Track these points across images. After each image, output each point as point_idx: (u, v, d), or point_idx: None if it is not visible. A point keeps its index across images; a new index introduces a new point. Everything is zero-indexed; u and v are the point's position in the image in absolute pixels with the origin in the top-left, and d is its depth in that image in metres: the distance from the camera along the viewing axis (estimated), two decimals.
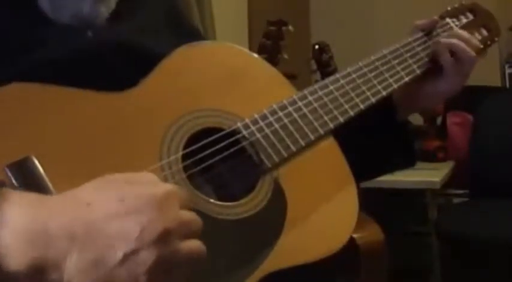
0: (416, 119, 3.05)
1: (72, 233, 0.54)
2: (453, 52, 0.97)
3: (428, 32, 1.01)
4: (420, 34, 1.01)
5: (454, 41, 0.98)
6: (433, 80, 0.99)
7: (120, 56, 0.80)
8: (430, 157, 3.09)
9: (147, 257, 0.55)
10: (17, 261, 0.52)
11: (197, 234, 0.60)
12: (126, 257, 0.54)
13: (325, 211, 0.80)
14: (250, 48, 2.64)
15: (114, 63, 0.80)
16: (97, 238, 0.54)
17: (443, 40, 0.98)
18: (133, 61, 0.80)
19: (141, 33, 0.85)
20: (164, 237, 0.56)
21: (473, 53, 0.97)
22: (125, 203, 0.56)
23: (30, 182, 0.62)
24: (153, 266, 0.55)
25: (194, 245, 0.59)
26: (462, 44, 0.97)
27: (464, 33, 1.00)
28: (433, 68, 0.99)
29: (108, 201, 0.56)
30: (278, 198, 0.78)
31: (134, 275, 0.54)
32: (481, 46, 1.03)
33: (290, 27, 2.43)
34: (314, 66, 2.77)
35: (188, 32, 0.94)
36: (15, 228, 0.53)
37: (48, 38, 0.77)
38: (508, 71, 3.55)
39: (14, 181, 0.61)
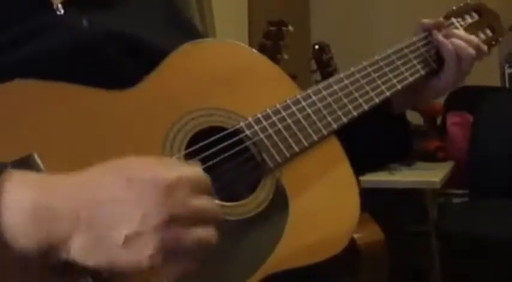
0: (416, 119, 3.05)
1: (78, 211, 0.54)
2: (457, 51, 0.97)
3: (433, 32, 1.01)
4: (424, 34, 1.00)
5: (455, 39, 0.98)
6: (432, 77, 0.99)
7: (115, 46, 0.80)
8: (430, 157, 3.09)
9: (149, 241, 0.54)
10: (24, 240, 0.53)
11: (211, 223, 0.59)
12: (128, 239, 0.54)
13: (327, 212, 0.80)
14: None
15: (109, 53, 0.80)
16: (101, 219, 0.54)
17: (440, 36, 0.99)
18: (128, 51, 0.80)
19: (136, 24, 0.85)
20: (168, 224, 0.55)
21: (473, 52, 0.97)
22: (131, 184, 0.56)
23: None
24: (156, 251, 0.55)
25: (203, 233, 0.58)
26: (463, 43, 0.97)
27: (462, 32, 1.00)
28: (434, 70, 0.99)
29: (115, 182, 0.56)
30: (280, 198, 0.77)
31: (136, 257, 0.54)
32: (485, 46, 1.03)
33: (290, 27, 2.42)
34: (314, 66, 2.76)
35: (184, 26, 0.94)
36: (21, 208, 0.54)
37: (43, 27, 0.77)
38: (507, 71, 3.55)
39: None
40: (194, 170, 0.60)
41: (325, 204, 0.81)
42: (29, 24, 0.77)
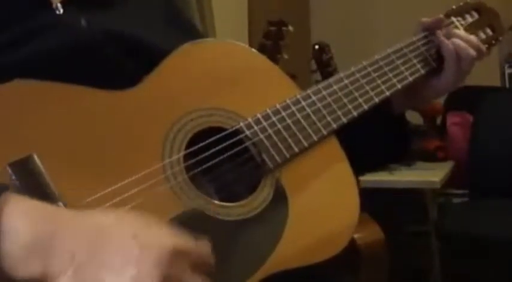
0: (416, 119, 3.05)
1: (74, 251, 0.54)
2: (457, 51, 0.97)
3: (433, 31, 1.01)
4: (424, 33, 1.00)
5: (456, 39, 0.98)
6: (432, 77, 0.99)
7: (114, 46, 0.80)
8: (430, 157, 3.09)
9: None
10: (17, 272, 0.53)
11: None
12: None
13: (326, 212, 0.80)
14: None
15: (108, 53, 0.80)
16: (93, 265, 0.53)
17: (442, 36, 0.98)
18: (128, 51, 0.80)
19: (136, 24, 0.85)
20: None
21: (473, 52, 0.97)
22: (135, 241, 0.55)
23: (31, 180, 0.62)
24: None
25: None
26: (463, 43, 0.97)
27: (464, 33, 1.00)
28: (434, 69, 0.99)
29: (120, 233, 0.55)
30: (280, 199, 0.77)
31: None
32: (485, 46, 1.03)
33: (290, 27, 2.42)
34: (314, 66, 2.76)
35: (184, 26, 0.94)
36: (18, 239, 0.53)
37: (42, 26, 0.77)
38: (507, 71, 3.55)
39: (15, 179, 0.61)
40: (203, 247, 0.59)
41: (325, 204, 0.80)
42: (29, 24, 0.77)
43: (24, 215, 0.55)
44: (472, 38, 1.00)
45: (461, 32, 1.01)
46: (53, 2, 0.81)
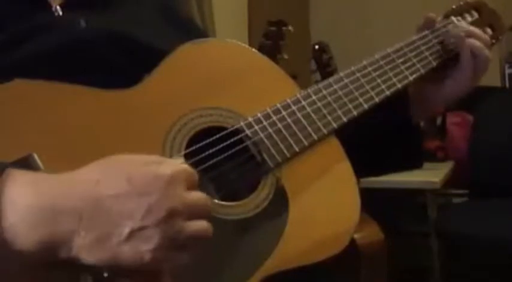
0: None
1: (80, 209, 0.55)
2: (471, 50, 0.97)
3: (433, 30, 1.01)
4: (425, 32, 1.00)
5: (472, 40, 0.97)
6: (444, 80, 0.98)
7: (113, 47, 0.81)
8: (430, 157, 3.08)
9: (152, 235, 0.56)
10: (25, 239, 0.54)
11: (204, 215, 0.61)
12: (132, 235, 0.56)
13: (327, 212, 0.80)
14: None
15: (107, 53, 0.80)
16: (104, 215, 0.56)
17: (464, 39, 0.97)
18: (127, 52, 0.81)
19: (135, 24, 0.86)
20: (169, 218, 0.57)
21: (487, 52, 0.96)
22: (132, 182, 0.57)
23: None
24: (158, 245, 0.56)
25: (199, 225, 0.60)
26: (478, 43, 0.97)
27: (479, 31, 0.99)
28: (443, 69, 0.99)
29: (116, 179, 0.58)
30: (280, 198, 0.77)
31: (139, 252, 0.56)
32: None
33: (290, 27, 2.42)
34: (314, 66, 2.76)
35: (184, 26, 0.94)
36: (22, 206, 0.54)
37: (41, 28, 0.78)
38: (508, 71, 3.55)
39: None
40: (183, 166, 0.62)
41: (326, 204, 0.80)
42: (28, 25, 0.77)
43: (24, 186, 0.56)
44: (483, 34, 0.99)
45: (476, 29, 0.99)
46: (52, 4, 0.81)
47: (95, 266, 0.56)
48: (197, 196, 0.61)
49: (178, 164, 0.62)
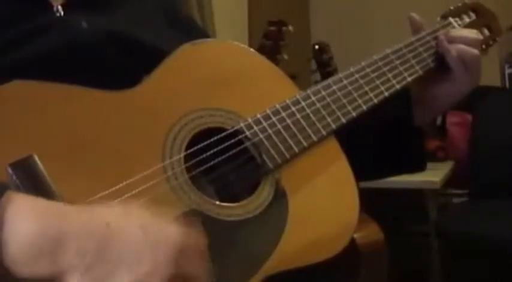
0: None
1: (85, 248, 0.53)
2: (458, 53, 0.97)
3: (432, 31, 1.01)
4: (423, 34, 1.00)
5: (455, 45, 0.97)
6: (443, 82, 0.98)
7: (115, 47, 0.80)
8: (430, 157, 3.08)
9: None
10: (25, 270, 0.52)
11: None
12: None
13: (326, 212, 0.80)
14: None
15: (108, 53, 0.80)
16: (106, 260, 0.53)
17: (445, 43, 0.98)
18: (128, 52, 0.80)
19: (136, 25, 0.85)
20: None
21: (475, 51, 0.96)
22: (144, 234, 0.55)
23: (31, 180, 0.62)
24: None
25: None
26: (462, 45, 0.97)
27: (463, 32, 0.99)
28: (442, 70, 0.99)
29: (128, 226, 0.55)
30: (280, 199, 0.77)
31: None
32: (483, 45, 1.03)
33: (290, 28, 2.42)
34: (314, 66, 2.76)
35: (185, 26, 0.94)
36: (25, 236, 0.53)
37: (43, 28, 0.78)
38: (507, 71, 3.55)
39: (15, 179, 0.61)
40: (199, 235, 0.59)
41: (325, 205, 0.80)
42: (29, 25, 0.77)
43: (28, 214, 0.54)
44: (469, 32, 0.99)
45: (458, 30, 1.00)
46: (54, 4, 0.81)
47: None
48: (201, 270, 0.58)
49: (194, 231, 0.59)
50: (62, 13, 0.81)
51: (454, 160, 3.16)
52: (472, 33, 0.99)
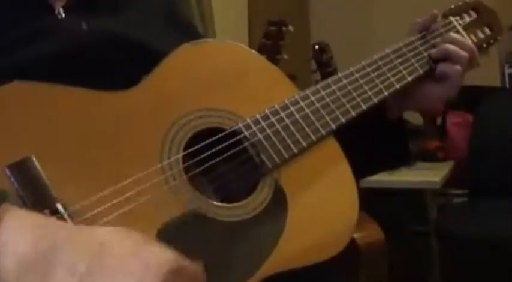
0: (416, 119, 3.05)
1: (74, 267, 0.52)
2: (447, 55, 0.97)
3: (432, 31, 1.01)
4: (423, 33, 1.00)
5: (446, 45, 0.97)
6: (429, 81, 0.98)
7: (115, 49, 0.80)
8: (430, 157, 3.09)
9: None
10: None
11: None
12: None
13: (326, 212, 0.80)
14: (250, 48, 2.63)
15: (109, 55, 0.80)
16: (96, 280, 0.52)
17: (437, 47, 0.98)
18: (128, 54, 0.81)
19: (137, 26, 0.86)
20: None
21: (464, 53, 0.96)
22: (137, 258, 0.54)
23: (29, 182, 0.62)
24: None
25: None
26: (453, 46, 0.97)
27: (456, 36, 0.99)
28: (432, 70, 0.99)
29: (122, 248, 0.54)
30: (279, 199, 0.77)
31: None
32: (484, 44, 1.03)
33: (290, 28, 2.42)
34: (314, 66, 2.76)
35: (184, 27, 0.94)
36: (16, 253, 0.52)
37: (44, 30, 0.78)
38: (507, 71, 3.55)
39: (13, 181, 0.61)
40: (196, 267, 0.58)
41: (324, 205, 0.80)
42: (30, 28, 0.77)
43: (23, 228, 0.53)
44: (464, 40, 0.99)
45: (454, 35, 1.00)
46: (55, 7, 0.81)
47: None
48: None
49: (188, 262, 0.57)
50: (63, 15, 0.81)
51: (454, 160, 3.16)
52: (462, 37, 1.00)
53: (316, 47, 2.75)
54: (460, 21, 1.05)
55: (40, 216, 0.57)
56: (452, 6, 1.07)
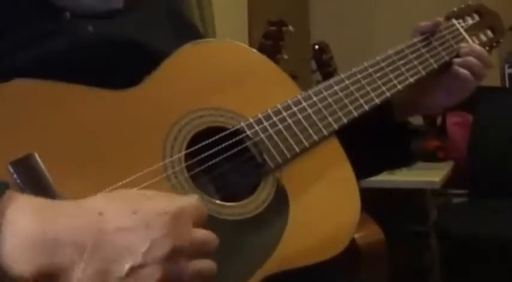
0: (416, 119, 3.05)
1: (82, 241, 0.54)
2: (471, 68, 0.98)
3: (434, 34, 1.01)
4: (426, 35, 1.00)
5: (472, 60, 0.98)
6: (437, 89, 0.99)
7: (121, 52, 0.81)
8: (430, 157, 3.09)
9: (153, 273, 0.55)
10: (23, 268, 0.52)
11: (209, 254, 0.60)
12: (132, 271, 0.54)
13: (327, 212, 0.80)
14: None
15: (114, 58, 0.80)
16: (105, 249, 0.54)
17: (460, 59, 0.99)
18: (134, 57, 0.81)
19: (142, 29, 0.86)
20: (172, 255, 0.56)
21: (485, 72, 0.98)
22: (137, 216, 0.56)
23: (32, 179, 0.62)
24: None
25: (203, 265, 0.59)
26: (477, 62, 0.98)
27: (480, 50, 1.00)
28: (439, 76, 0.99)
29: (120, 212, 0.56)
30: (280, 199, 0.77)
31: None
32: (487, 47, 1.03)
33: (290, 28, 2.42)
34: (314, 66, 2.76)
35: (189, 30, 0.95)
36: (23, 234, 0.53)
37: (50, 32, 0.78)
38: (508, 71, 3.55)
39: (16, 178, 0.61)
40: (193, 201, 0.60)
41: (326, 205, 0.80)
42: (36, 29, 0.77)
43: (29, 212, 0.55)
44: (489, 57, 1.00)
45: (481, 50, 1.00)
46: (62, 9, 0.81)
47: None
48: (203, 234, 0.59)
49: (185, 199, 0.60)
50: (69, 17, 0.81)
51: (454, 160, 3.16)
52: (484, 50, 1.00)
53: (316, 47, 2.75)
54: (463, 24, 1.05)
55: (44, 200, 0.58)
56: (455, 9, 1.07)
